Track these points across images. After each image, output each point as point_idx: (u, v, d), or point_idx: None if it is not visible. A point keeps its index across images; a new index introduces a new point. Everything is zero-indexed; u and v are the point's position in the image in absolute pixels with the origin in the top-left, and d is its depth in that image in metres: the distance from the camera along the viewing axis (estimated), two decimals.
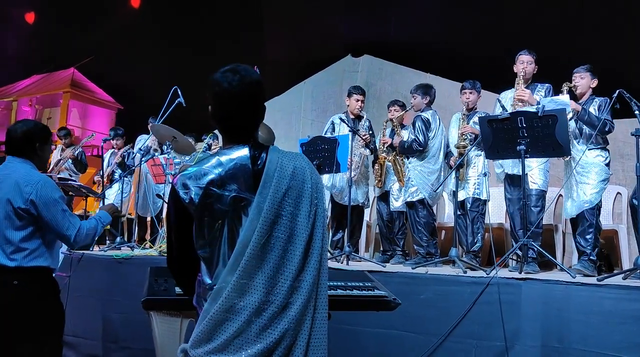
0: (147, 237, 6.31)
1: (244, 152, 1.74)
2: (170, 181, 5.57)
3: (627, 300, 3.21)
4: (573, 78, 4.29)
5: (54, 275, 2.82)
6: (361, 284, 2.55)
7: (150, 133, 6.03)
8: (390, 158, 5.16)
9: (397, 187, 5.18)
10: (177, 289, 2.26)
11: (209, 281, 1.69)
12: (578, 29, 6.34)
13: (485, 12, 6.99)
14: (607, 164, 4.16)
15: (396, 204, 5.19)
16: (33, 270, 2.66)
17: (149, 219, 6.59)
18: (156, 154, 5.98)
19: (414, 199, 4.89)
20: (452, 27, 7.29)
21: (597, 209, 4.09)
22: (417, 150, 4.90)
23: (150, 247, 4.95)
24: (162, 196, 5.37)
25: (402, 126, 5.34)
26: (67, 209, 2.75)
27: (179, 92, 5.28)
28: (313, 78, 8.22)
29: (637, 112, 3.73)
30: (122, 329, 4.52)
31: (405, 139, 5.06)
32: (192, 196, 1.67)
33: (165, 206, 5.22)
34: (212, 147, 6.19)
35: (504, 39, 6.21)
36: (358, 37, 8.18)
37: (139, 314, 2.33)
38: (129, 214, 6.64)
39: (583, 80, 4.25)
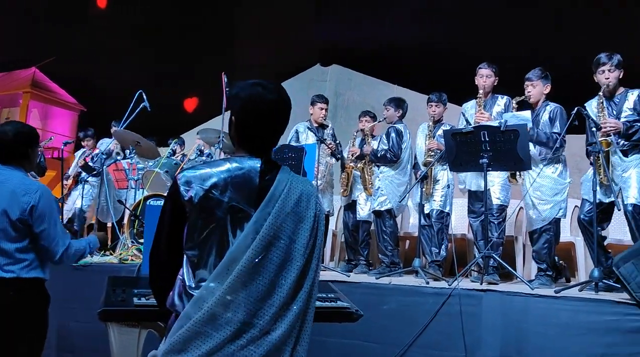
0: (108, 243, 6.16)
1: (255, 164, 1.72)
2: (133, 186, 5.48)
3: (583, 312, 3.30)
4: (525, 86, 4.28)
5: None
6: (324, 295, 2.54)
7: (111, 140, 5.91)
8: (359, 166, 5.19)
9: (364, 197, 5.21)
10: (136, 300, 2.22)
11: (190, 283, 1.66)
12: (548, 44, 6.50)
13: (454, 25, 7.12)
14: (561, 175, 4.20)
15: (362, 213, 5.21)
16: (30, 281, 2.57)
17: (109, 225, 6.44)
18: (119, 158, 5.86)
19: (382, 208, 4.93)
20: (421, 39, 7.40)
21: (554, 223, 4.18)
22: (391, 160, 4.96)
23: (111, 255, 4.83)
24: (123, 201, 5.25)
25: (372, 136, 5.38)
26: (60, 223, 2.66)
27: (144, 96, 5.18)
28: (282, 85, 8.19)
29: (593, 129, 3.85)
30: (79, 339, 4.39)
31: (376, 149, 5.10)
32: (193, 195, 1.65)
33: (127, 212, 5.11)
34: (177, 153, 6.10)
35: (472, 52, 6.32)
36: (328, 46, 8.23)
37: (96, 324, 2.27)
38: (90, 219, 6.48)
39: (535, 88, 4.24)
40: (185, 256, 1.69)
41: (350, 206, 5.39)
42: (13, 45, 12.14)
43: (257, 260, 1.60)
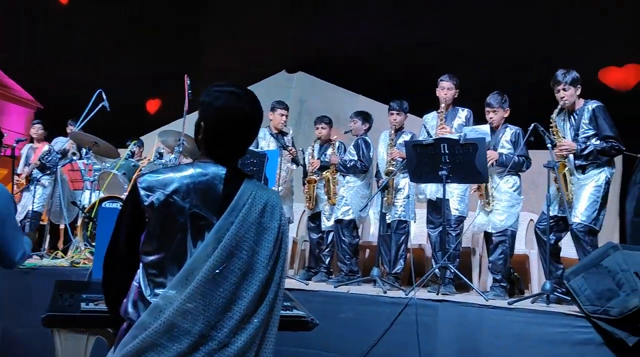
0: (60, 246, 5.96)
1: (219, 171, 1.67)
2: (89, 187, 5.32)
3: (535, 324, 3.37)
4: (486, 112, 4.43)
5: None
6: None
7: (66, 140, 5.73)
8: (325, 175, 5.16)
9: (329, 207, 5.19)
10: (84, 305, 2.14)
11: (147, 290, 1.60)
12: (507, 58, 6.66)
13: (417, 36, 7.22)
14: (517, 190, 4.33)
15: (327, 223, 5.18)
16: None
17: (62, 226, 6.23)
18: (74, 158, 5.68)
19: (345, 218, 4.93)
20: (386, 49, 7.48)
21: (509, 235, 4.28)
22: (361, 170, 4.98)
23: (62, 257, 4.67)
24: (77, 203, 5.09)
25: (329, 143, 5.36)
26: (19, 225, 2.52)
27: (104, 96, 5.05)
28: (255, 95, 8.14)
29: (549, 145, 3.96)
30: (25, 345, 4.21)
31: (345, 158, 5.09)
32: (154, 201, 1.60)
33: (81, 213, 4.95)
34: (136, 155, 5.97)
35: (435, 63, 6.44)
36: (294, 53, 8.23)
37: (43, 330, 2.17)
38: (42, 220, 6.25)
39: (496, 114, 4.40)
40: (142, 263, 1.63)
41: (316, 216, 5.36)
42: None
43: (217, 271, 1.55)
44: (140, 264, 1.64)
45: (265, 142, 5.26)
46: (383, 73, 7.25)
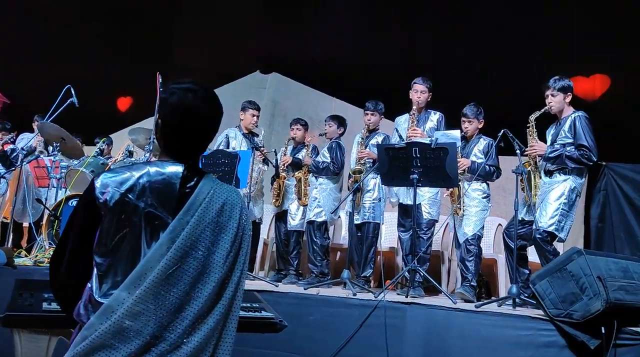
0: (24, 244, 5.80)
1: (177, 169, 1.65)
2: (55, 185, 5.20)
3: (501, 326, 3.42)
4: (462, 122, 4.52)
5: None
6: (249, 304, 2.49)
7: (35, 131, 5.58)
8: (297, 175, 5.15)
9: (296, 206, 5.19)
10: (45, 305, 2.08)
11: (97, 291, 1.56)
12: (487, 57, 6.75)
13: (393, 40, 7.27)
14: (486, 197, 4.44)
15: (293, 223, 5.19)
16: None
17: (26, 225, 6.07)
18: (41, 155, 5.54)
19: (317, 220, 4.93)
20: (361, 52, 7.51)
21: (478, 238, 4.35)
22: (334, 172, 4.99)
23: (25, 256, 4.55)
24: (42, 201, 4.96)
25: (304, 145, 5.36)
26: None
27: (72, 91, 4.95)
28: (219, 90, 8.01)
29: (518, 151, 4.03)
30: None
31: (317, 159, 5.09)
32: (108, 199, 1.57)
33: (46, 212, 4.83)
34: (105, 152, 5.86)
35: (411, 66, 6.47)
36: (268, 54, 8.20)
37: (3, 330, 2.11)
38: (4, 218, 6.08)
39: (472, 124, 4.51)
40: (95, 263, 1.59)
41: (282, 216, 5.35)
42: None
43: (171, 271, 1.52)
44: (94, 265, 1.60)
45: (236, 142, 5.23)
46: (357, 76, 7.27)
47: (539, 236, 3.87)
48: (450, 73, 6.50)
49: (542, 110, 4.06)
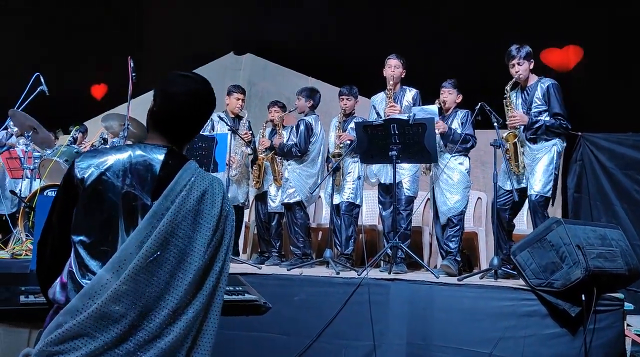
0: None
1: (159, 154, 1.65)
2: (29, 175, 5.08)
3: (483, 298, 3.47)
4: (441, 93, 4.54)
5: None
6: (232, 288, 2.47)
7: (7, 122, 5.43)
8: (268, 157, 5.12)
9: (275, 188, 5.16)
10: (23, 298, 2.03)
11: (78, 273, 1.55)
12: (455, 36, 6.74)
13: (368, 18, 7.20)
14: (468, 172, 4.47)
15: (273, 205, 5.16)
16: None
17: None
18: (17, 147, 5.40)
19: (291, 201, 4.90)
20: (336, 31, 7.43)
21: (461, 213, 4.38)
22: (296, 155, 4.93)
23: (2, 249, 4.46)
24: (17, 192, 4.85)
25: (283, 127, 5.32)
26: None
27: (42, 79, 4.82)
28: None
29: (495, 124, 4.04)
30: None
31: (285, 140, 5.05)
32: (86, 177, 1.57)
33: (22, 204, 4.72)
34: (78, 141, 5.73)
35: (385, 45, 6.44)
36: (243, 34, 8.06)
37: None
38: None
39: (451, 95, 4.52)
40: (73, 243, 1.58)
41: (262, 197, 5.32)
42: None
43: (151, 258, 1.50)
44: (72, 245, 1.58)
45: (220, 126, 5.15)
46: (333, 55, 7.20)
47: (535, 201, 3.91)
48: (424, 48, 6.49)
49: (512, 81, 4.07)
